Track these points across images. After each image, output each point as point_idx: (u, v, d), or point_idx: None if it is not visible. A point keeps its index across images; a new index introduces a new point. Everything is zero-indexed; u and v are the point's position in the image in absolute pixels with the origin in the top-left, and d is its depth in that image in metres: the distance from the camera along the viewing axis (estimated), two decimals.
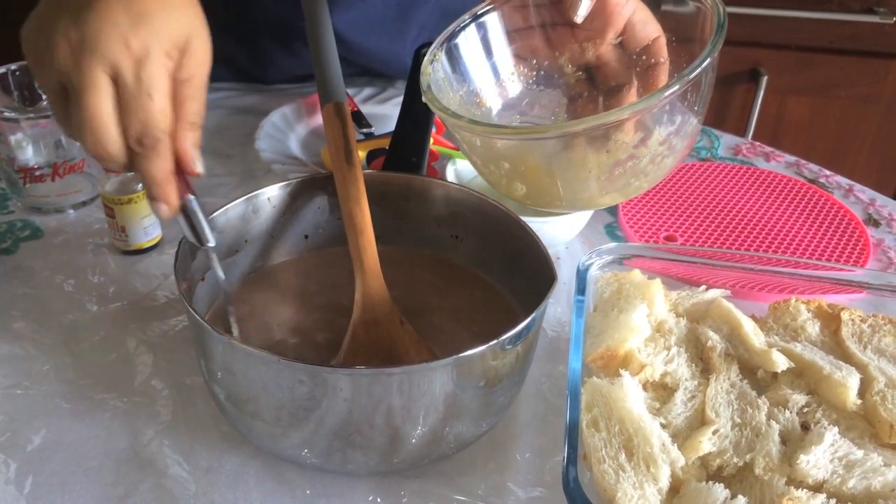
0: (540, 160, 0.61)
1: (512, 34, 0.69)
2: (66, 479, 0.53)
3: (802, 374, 0.58)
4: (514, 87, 0.70)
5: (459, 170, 0.81)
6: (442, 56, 0.66)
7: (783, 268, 0.67)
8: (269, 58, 1.04)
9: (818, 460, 0.50)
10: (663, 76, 0.63)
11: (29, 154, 0.77)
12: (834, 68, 1.66)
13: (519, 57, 0.69)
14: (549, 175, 0.62)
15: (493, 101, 0.70)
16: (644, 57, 0.63)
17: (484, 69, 0.69)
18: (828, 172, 0.94)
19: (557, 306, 0.70)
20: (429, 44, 0.86)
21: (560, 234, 0.76)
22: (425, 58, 0.65)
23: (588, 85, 0.68)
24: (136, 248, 0.74)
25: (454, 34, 0.67)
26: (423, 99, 0.61)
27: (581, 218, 0.75)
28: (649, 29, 0.63)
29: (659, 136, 0.59)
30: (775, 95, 1.69)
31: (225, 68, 1.07)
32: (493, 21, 0.68)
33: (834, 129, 1.72)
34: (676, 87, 0.54)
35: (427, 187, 0.66)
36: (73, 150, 0.78)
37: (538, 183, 0.63)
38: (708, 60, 0.54)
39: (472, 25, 0.68)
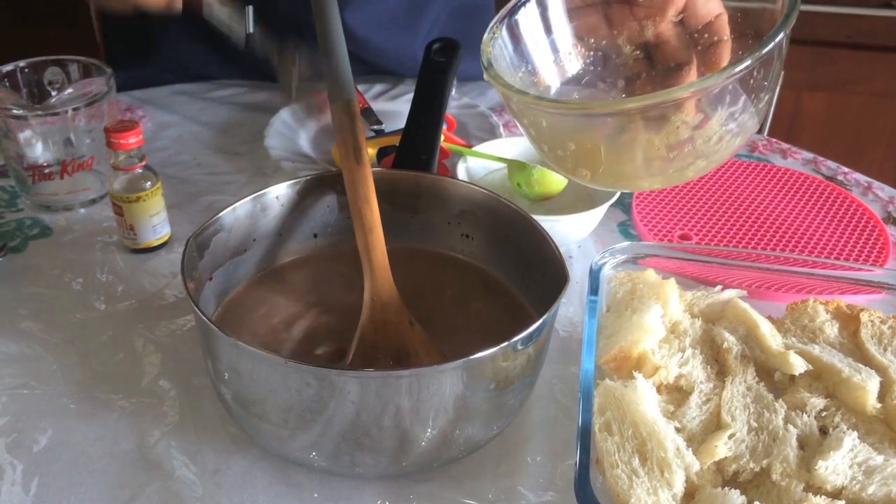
0: (600, 140, 0.59)
1: (571, 11, 0.67)
2: (72, 481, 0.52)
3: (820, 377, 0.57)
4: (572, 66, 0.67)
5: (470, 167, 0.80)
6: (503, 33, 0.64)
7: (801, 267, 0.66)
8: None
9: (837, 466, 0.49)
10: (726, 54, 0.60)
11: (38, 151, 0.77)
12: (851, 64, 1.64)
13: (577, 35, 0.67)
14: (609, 154, 0.60)
15: (550, 81, 0.68)
16: (706, 35, 0.61)
17: (543, 48, 0.66)
18: (846, 170, 0.92)
19: (570, 306, 0.69)
20: (441, 40, 0.85)
21: (573, 232, 0.75)
22: (485, 35, 0.63)
23: (646, 65, 0.66)
24: (144, 246, 0.73)
25: (514, 10, 0.65)
26: (485, 77, 0.59)
27: (594, 216, 0.74)
28: (711, 5, 0.60)
29: (721, 117, 0.56)
30: (791, 91, 1.67)
31: (234, 66, 1.06)
32: None
33: (851, 125, 1.70)
34: (748, 62, 0.51)
35: (437, 185, 0.65)
36: (82, 147, 0.78)
37: (599, 163, 0.61)
38: (782, 34, 0.52)
39: (533, 1, 0.66)
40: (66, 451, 0.54)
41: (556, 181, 0.77)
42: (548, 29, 0.66)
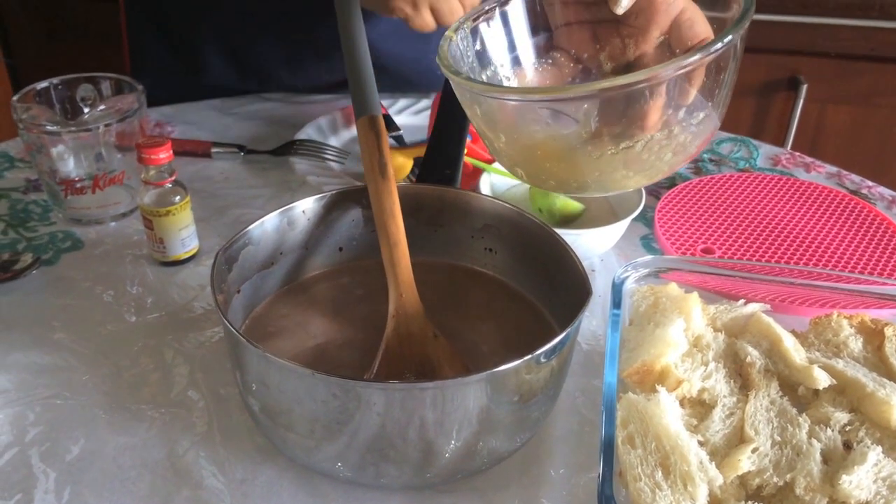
0: (563, 150, 0.58)
1: (560, 26, 0.65)
2: (103, 490, 0.53)
3: (844, 392, 0.57)
4: (547, 78, 0.66)
5: (493, 181, 0.81)
6: (468, 28, 0.62)
7: (824, 281, 0.65)
8: (299, 63, 1.05)
9: (861, 480, 0.49)
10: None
11: (70, 166, 0.79)
12: (875, 76, 1.63)
13: (558, 47, 0.66)
14: (573, 166, 0.59)
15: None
16: None
17: (517, 53, 0.65)
18: (870, 183, 0.92)
19: (592, 319, 0.69)
20: None
21: (595, 246, 0.75)
22: (451, 26, 0.62)
23: None
24: (173, 259, 0.74)
25: (492, 9, 0.64)
26: (437, 60, 0.58)
27: (616, 230, 0.74)
28: (697, 29, 0.60)
29: (676, 125, 0.55)
30: (815, 104, 1.66)
31: (257, 78, 1.08)
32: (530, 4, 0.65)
33: (875, 138, 1.68)
34: (697, 56, 0.50)
35: (461, 199, 0.66)
36: (114, 162, 0.79)
37: (564, 174, 0.60)
38: (730, 37, 0.51)
39: (515, 4, 0.64)
40: (97, 461, 0.55)
41: (577, 205, 0.77)
42: (523, 35, 0.65)
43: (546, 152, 0.57)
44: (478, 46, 0.63)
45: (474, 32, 0.63)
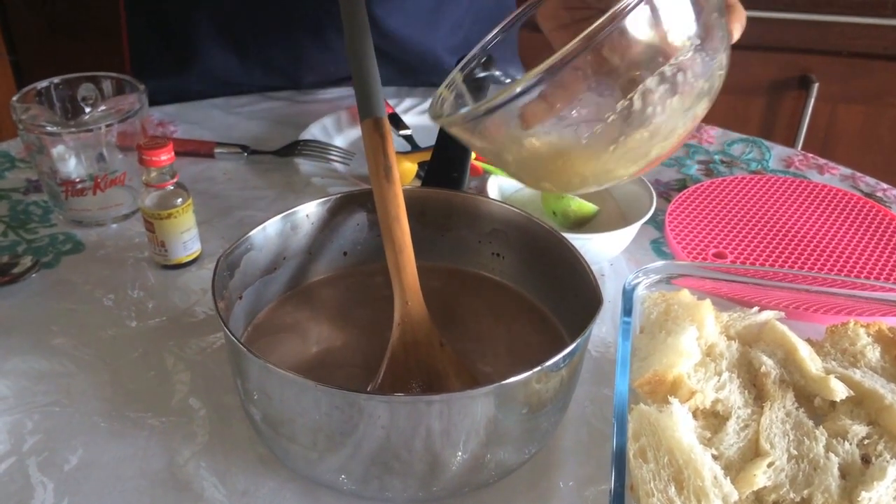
0: (567, 140, 0.55)
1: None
2: (101, 501, 0.52)
3: (862, 403, 0.55)
4: None
5: (501, 184, 0.80)
6: (459, 80, 0.62)
7: (840, 288, 0.64)
8: (303, 53, 1.04)
9: (881, 497, 0.48)
10: None
11: (71, 167, 0.77)
12: (888, 75, 1.61)
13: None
14: (587, 153, 0.55)
15: None
16: None
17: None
18: (885, 186, 0.90)
19: (602, 325, 0.68)
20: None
21: (605, 250, 0.73)
22: (444, 83, 0.61)
23: None
24: (175, 262, 0.73)
25: (478, 55, 0.63)
26: (430, 116, 0.57)
27: (626, 234, 0.73)
28: None
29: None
30: (826, 103, 1.64)
31: (260, 72, 1.06)
32: None
33: (888, 138, 1.67)
34: None
35: (468, 203, 0.65)
36: (115, 163, 0.78)
37: (585, 167, 0.57)
38: None
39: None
40: (96, 471, 0.54)
41: (591, 207, 0.76)
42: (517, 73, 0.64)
43: (553, 152, 0.54)
44: (473, 96, 0.61)
45: (467, 82, 0.62)
